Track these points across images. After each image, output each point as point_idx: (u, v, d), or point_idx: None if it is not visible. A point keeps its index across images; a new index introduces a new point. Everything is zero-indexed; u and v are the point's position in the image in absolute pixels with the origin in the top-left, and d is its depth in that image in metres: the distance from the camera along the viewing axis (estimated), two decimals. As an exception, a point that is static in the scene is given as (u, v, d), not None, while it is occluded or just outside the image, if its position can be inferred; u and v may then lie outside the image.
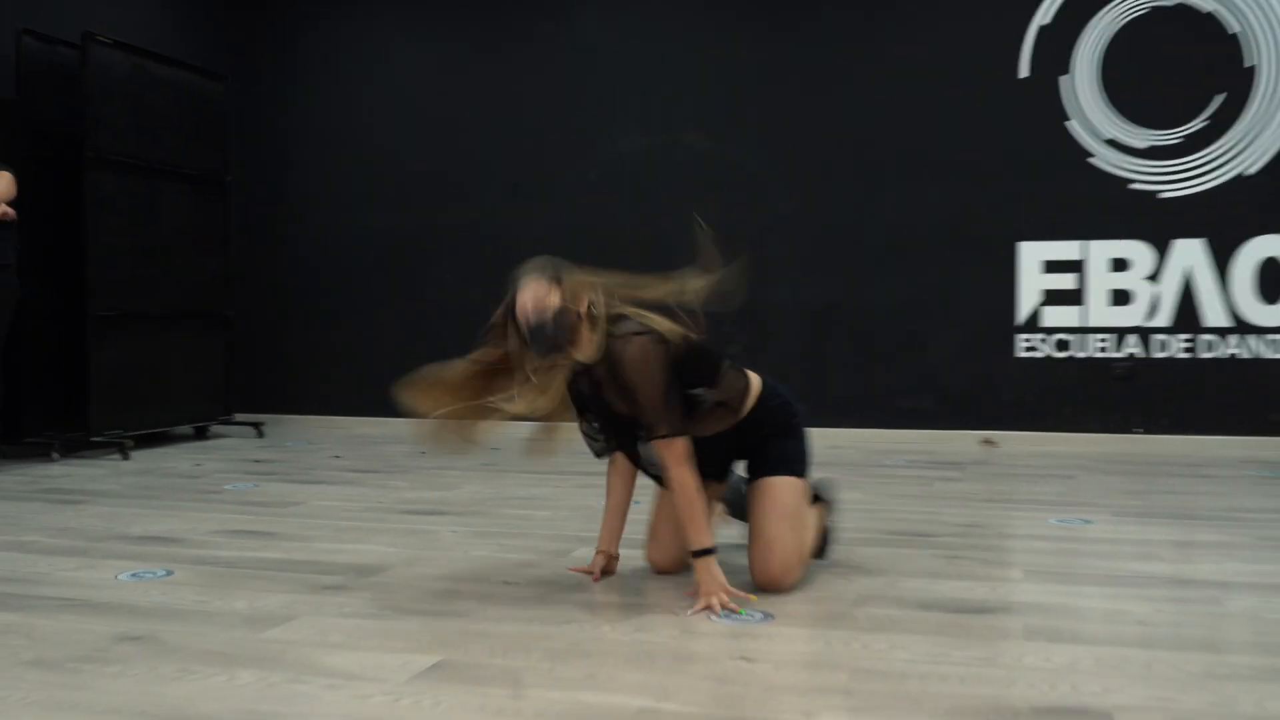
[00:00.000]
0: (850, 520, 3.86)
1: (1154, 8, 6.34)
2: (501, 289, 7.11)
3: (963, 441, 6.50)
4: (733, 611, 2.76)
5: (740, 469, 3.27)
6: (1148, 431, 6.41)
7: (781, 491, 3.04)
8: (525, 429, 3.00)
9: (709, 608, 2.78)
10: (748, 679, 2.31)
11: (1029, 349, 6.55)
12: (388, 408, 7.37)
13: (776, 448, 3.10)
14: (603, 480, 3.23)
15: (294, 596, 2.96)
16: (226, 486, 4.87)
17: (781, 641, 2.58)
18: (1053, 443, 6.41)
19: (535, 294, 2.91)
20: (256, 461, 5.73)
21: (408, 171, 7.48)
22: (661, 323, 2.88)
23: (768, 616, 2.76)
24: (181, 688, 2.27)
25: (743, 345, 6.85)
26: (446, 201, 7.41)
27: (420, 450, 6.18)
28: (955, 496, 4.65)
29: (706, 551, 2.85)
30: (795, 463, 3.10)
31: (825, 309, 6.85)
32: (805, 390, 3.88)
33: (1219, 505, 4.47)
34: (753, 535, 3.05)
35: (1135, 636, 2.63)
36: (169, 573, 3.22)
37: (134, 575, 3.20)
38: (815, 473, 3.24)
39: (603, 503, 3.23)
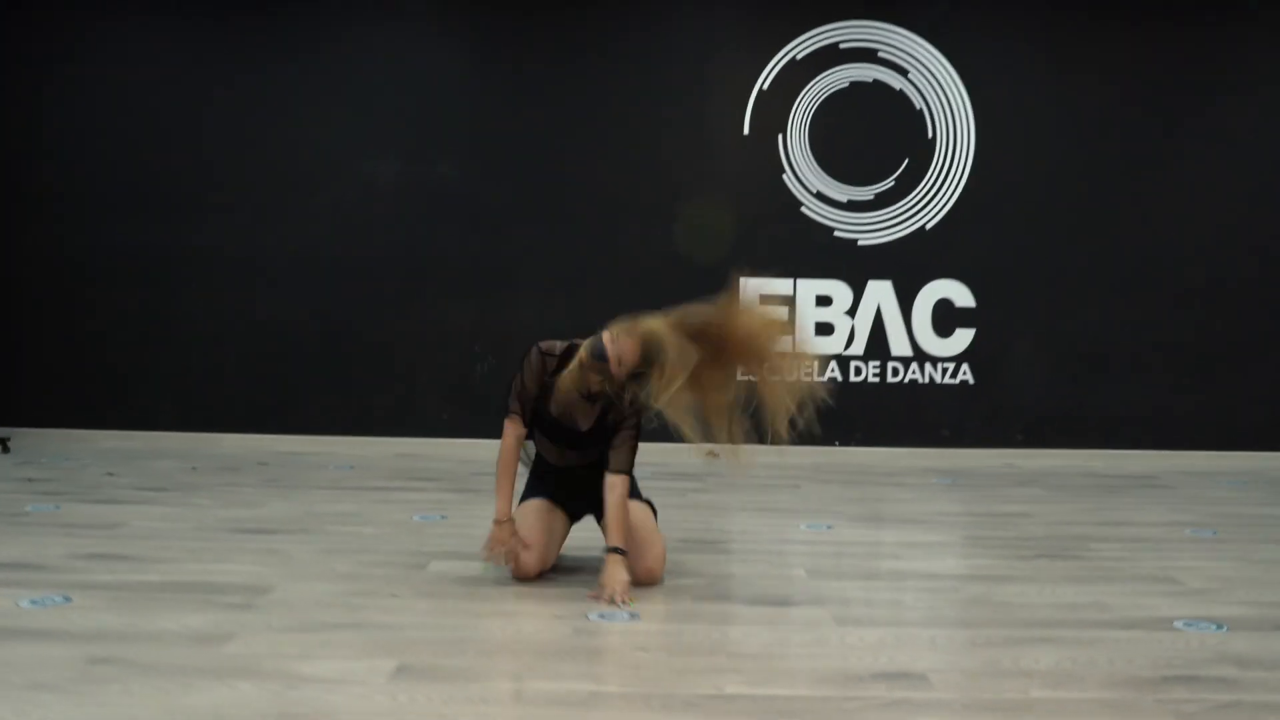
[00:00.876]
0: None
1: (853, 83, 7.40)
2: (249, 306, 7.25)
3: (684, 454, 7.32)
4: (624, 604, 3.38)
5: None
6: (844, 444, 7.46)
7: (643, 509, 3.74)
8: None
9: (612, 600, 3.41)
10: (655, 665, 2.92)
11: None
12: (135, 419, 7.46)
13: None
14: (389, 495, 3.69)
15: (214, 616, 3.28)
16: (29, 509, 4.93)
17: (660, 636, 3.21)
18: (766, 454, 7.31)
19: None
20: (30, 480, 5.72)
21: (158, 185, 7.48)
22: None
23: (634, 616, 3.38)
24: (200, 698, 2.60)
25: (491, 364, 7.41)
26: (196, 217, 7.46)
27: (192, 467, 6.34)
28: (714, 507, 5.42)
29: (622, 551, 3.52)
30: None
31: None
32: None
33: (924, 510, 5.48)
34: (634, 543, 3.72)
35: (912, 619, 3.45)
36: (67, 599, 3.43)
37: (33, 602, 3.39)
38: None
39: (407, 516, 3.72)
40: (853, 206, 7.40)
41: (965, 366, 7.42)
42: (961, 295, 7.39)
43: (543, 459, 3.96)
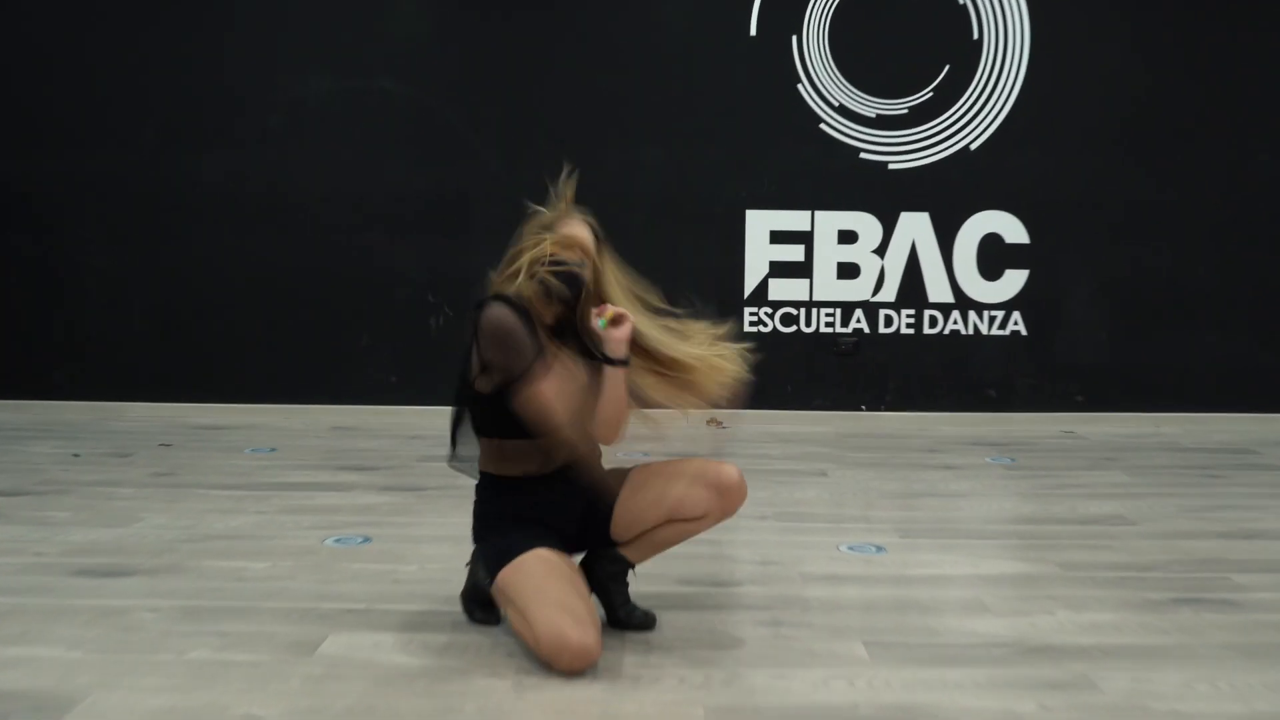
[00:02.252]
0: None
1: (884, -31, 6.08)
2: (156, 252, 6.00)
3: (686, 422, 6.10)
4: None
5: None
6: (871, 408, 6.26)
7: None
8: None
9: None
10: None
11: (755, 323, 6.23)
12: (24, 387, 6.20)
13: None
14: (304, 500, 2.48)
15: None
16: None
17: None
18: (781, 422, 6.15)
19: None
20: None
21: (42, 110, 6.17)
22: None
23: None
24: None
25: (449, 315, 6.16)
26: (91, 147, 6.17)
27: (74, 454, 5.12)
28: (723, 511, 4.19)
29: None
30: None
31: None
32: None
33: (989, 511, 4.30)
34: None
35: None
36: None
37: None
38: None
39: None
40: (882, 123, 6.14)
41: (1016, 315, 6.22)
42: (1012, 229, 6.16)
43: (511, 484, 2.77)
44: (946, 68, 6.10)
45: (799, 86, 6.11)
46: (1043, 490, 4.66)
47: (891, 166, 6.15)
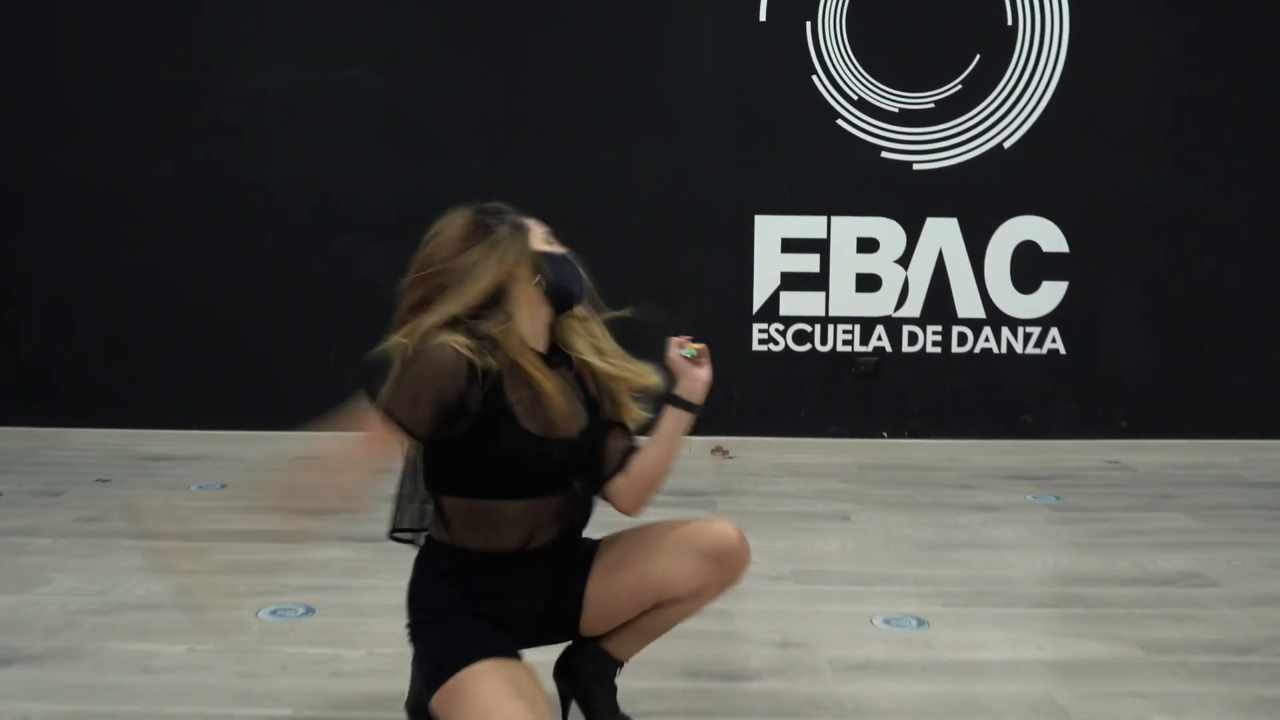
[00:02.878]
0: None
1: (908, -51, 5.49)
2: (104, 256, 5.40)
3: (690, 452, 5.53)
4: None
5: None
6: (894, 436, 5.67)
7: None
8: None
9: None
10: None
11: (765, 341, 5.64)
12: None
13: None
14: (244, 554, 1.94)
15: None
16: None
17: None
18: (793, 451, 5.56)
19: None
20: None
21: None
22: None
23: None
24: None
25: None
26: (34, 141, 5.60)
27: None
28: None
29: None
30: None
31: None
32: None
33: (1042, 571, 3.70)
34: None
35: None
36: None
37: None
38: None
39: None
40: (906, 118, 5.56)
41: (1054, 332, 5.64)
42: (1050, 237, 5.59)
43: (473, 563, 2.13)
44: (977, 57, 5.53)
45: (814, 78, 5.54)
46: (1099, 539, 4.07)
47: (916, 167, 5.57)
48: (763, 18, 5.52)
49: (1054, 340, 5.64)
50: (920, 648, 2.94)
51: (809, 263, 5.61)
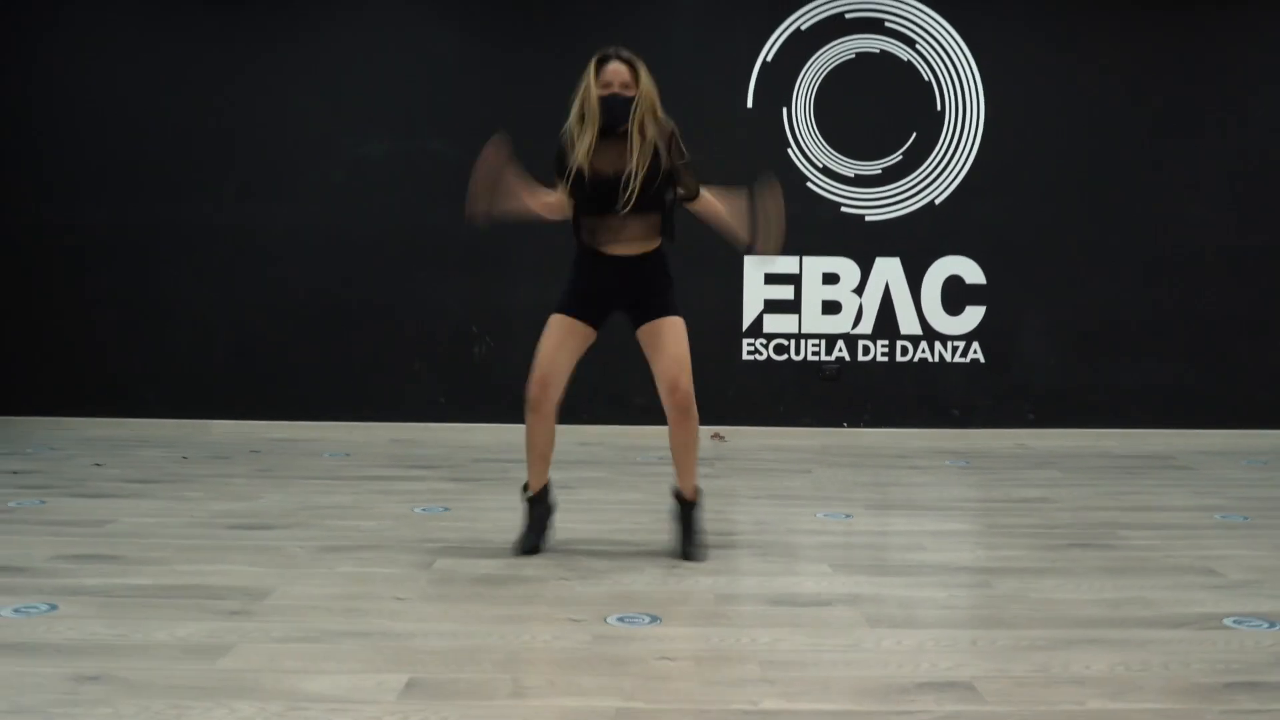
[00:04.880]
0: (652, 519, 4.33)
1: (859, 54, 7.17)
2: (237, 287, 7.07)
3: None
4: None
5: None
6: (852, 425, 7.28)
7: (673, 328, 3.89)
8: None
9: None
10: (683, 676, 2.73)
11: (752, 352, 7.26)
12: (122, 406, 7.22)
13: (662, 291, 3.92)
14: (387, 486, 3.54)
15: (208, 625, 3.07)
16: (11, 504, 4.72)
17: (685, 642, 3.01)
18: (774, 436, 7.15)
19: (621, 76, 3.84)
20: (14, 473, 5.50)
21: (142, 163, 7.23)
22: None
23: (655, 619, 3.18)
24: (182, 721, 2.41)
25: (489, 345, 7.20)
26: (182, 195, 7.23)
27: (182, 456, 6.13)
28: (724, 494, 5.22)
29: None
30: (676, 305, 3.96)
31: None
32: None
33: (942, 495, 5.30)
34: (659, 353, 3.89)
35: (949, 619, 3.27)
36: (53, 607, 3.22)
37: (17, 611, 3.18)
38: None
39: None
40: (860, 181, 7.20)
41: (976, 345, 7.24)
42: (972, 272, 7.20)
43: (584, 251, 3.92)
44: (914, 134, 7.18)
45: (789, 150, 7.18)
46: (987, 483, 5.68)
47: (868, 218, 7.21)
48: (749, 105, 7.19)
49: (976, 351, 7.26)
50: (845, 526, 4.56)
51: (785, 292, 7.25)
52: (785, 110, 7.19)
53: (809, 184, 7.19)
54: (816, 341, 7.25)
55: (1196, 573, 3.79)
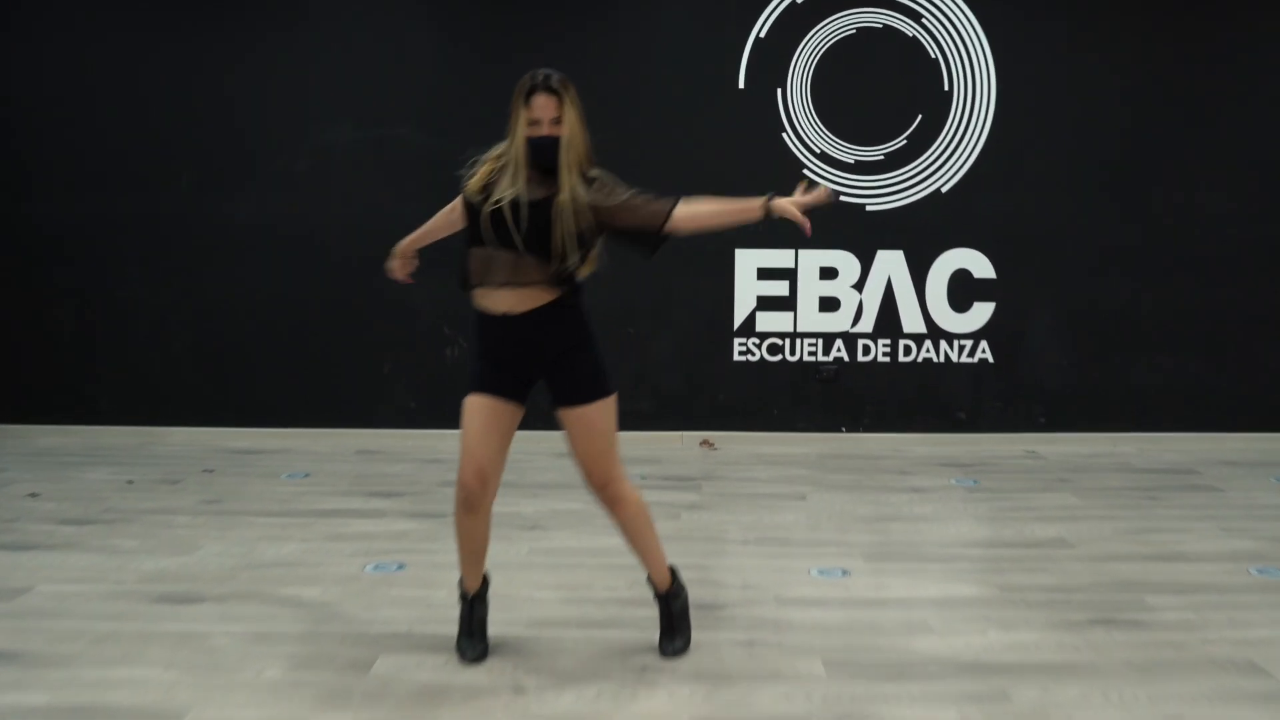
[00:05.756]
0: (629, 578, 3.89)
1: (861, 29, 6.62)
2: (195, 285, 6.55)
3: (681, 444, 6.69)
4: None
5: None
6: (851, 430, 6.82)
7: (591, 414, 3.25)
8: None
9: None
10: None
11: (744, 353, 6.79)
12: (73, 412, 6.76)
13: (577, 364, 3.26)
14: (341, 527, 3.09)
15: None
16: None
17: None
18: (767, 443, 6.71)
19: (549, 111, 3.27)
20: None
21: (91, 155, 6.72)
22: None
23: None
24: None
25: (462, 348, 6.72)
26: (135, 188, 6.72)
27: (128, 480, 5.69)
28: (710, 535, 4.78)
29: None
30: (598, 380, 3.29)
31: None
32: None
33: (947, 535, 4.85)
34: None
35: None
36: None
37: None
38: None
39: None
40: (860, 168, 6.68)
41: (984, 344, 6.77)
42: (980, 266, 6.71)
43: (480, 320, 3.31)
44: (920, 117, 6.64)
45: (784, 135, 6.66)
46: (997, 515, 5.23)
47: (869, 208, 6.70)
48: (741, 85, 6.65)
49: (984, 351, 6.79)
50: (841, 590, 4.12)
51: (780, 288, 6.76)
52: (780, 91, 6.65)
53: (805, 170, 6.67)
54: (813, 341, 6.78)
55: (1238, 670, 3.35)
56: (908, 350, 6.78)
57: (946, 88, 6.64)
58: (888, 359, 6.79)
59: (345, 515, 5.10)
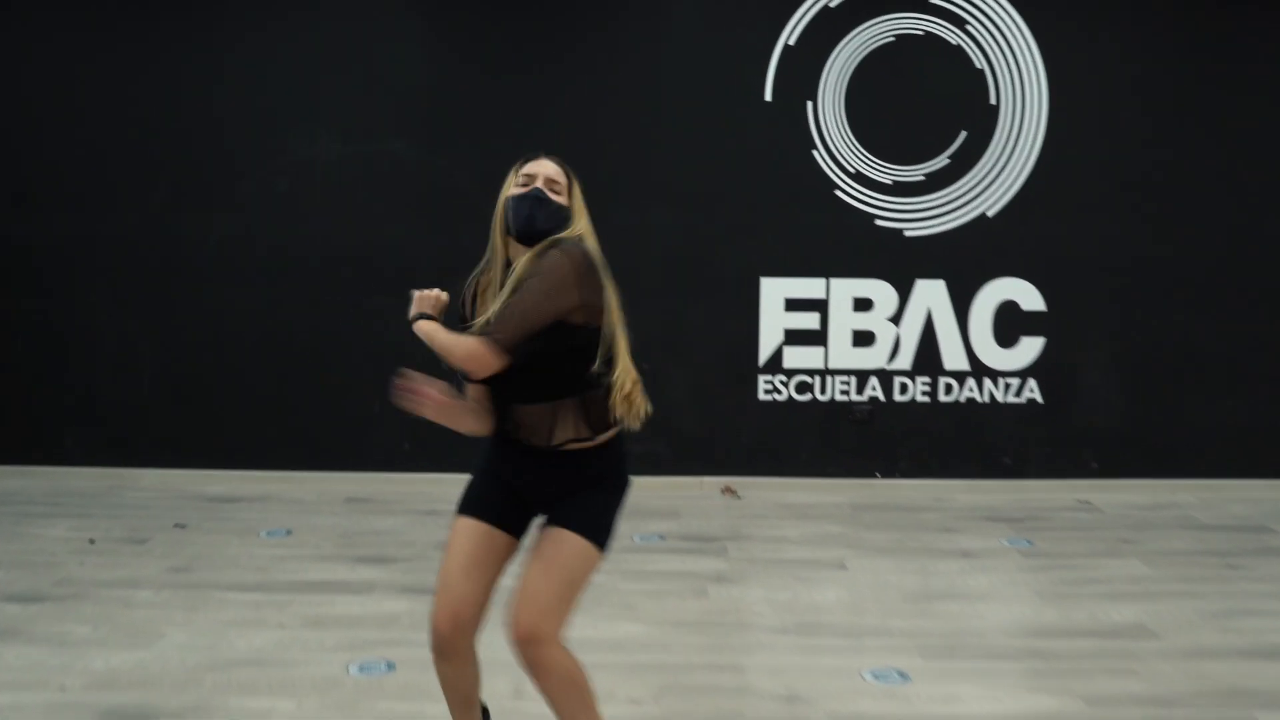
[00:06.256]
0: (648, 688, 3.32)
1: (900, 36, 6.03)
2: (167, 314, 5.92)
3: (701, 491, 6.13)
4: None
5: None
6: (886, 476, 6.25)
7: (569, 548, 2.57)
8: None
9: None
10: None
11: (770, 391, 6.21)
12: (35, 452, 6.17)
13: (590, 499, 2.65)
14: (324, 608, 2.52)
15: None
16: None
17: None
18: (795, 490, 6.14)
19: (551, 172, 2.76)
20: None
21: (54, 172, 6.13)
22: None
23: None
24: None
25: (460, 383, 6.10)
26: (94, 209, 6.13)
27: (90, 540, 5.11)
28: (738, 621, 4.21)
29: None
30: (600, 526, 2.63)
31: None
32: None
33: (1011, 621, 4.28)
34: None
35: None
36: None
37: None
38: None
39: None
40: (898, 189, 6.10)
41: (1032, 382, 6.20)
42: (1029, 297, 6.14)
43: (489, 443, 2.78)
44: (964, 134, 6.07)
45: (814, 152, 6.07)
46: (1062, 587, 4.65)
47: (907, 233, 6.12)
48: (768, 98, 6.06)
49: (1032, 390, 6.21)
50: (901, 702, 3.53)
51: (810, 320, 6.17)
52: (810, 104, 6.06)
53: (837, 192, 6.10)
54: (846, 379, 6.21)
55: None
56: (949, 389, 6.20)
57: (994, 101, 6.05)
58: (927, 398, 6.21)
59: (329, 590, 4.52)
